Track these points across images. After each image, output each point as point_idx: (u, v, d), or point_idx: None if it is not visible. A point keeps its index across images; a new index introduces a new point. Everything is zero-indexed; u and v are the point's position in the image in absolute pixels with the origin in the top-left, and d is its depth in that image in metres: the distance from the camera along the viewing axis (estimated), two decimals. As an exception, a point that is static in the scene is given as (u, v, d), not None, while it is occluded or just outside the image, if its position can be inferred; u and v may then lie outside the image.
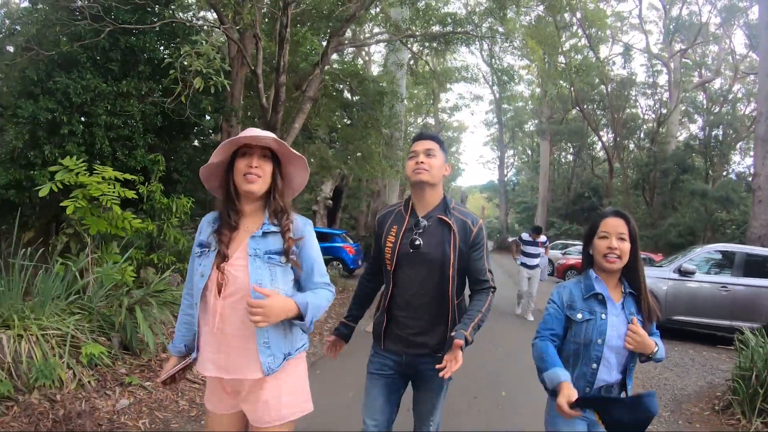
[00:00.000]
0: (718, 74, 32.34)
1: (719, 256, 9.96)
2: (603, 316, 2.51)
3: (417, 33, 13.86)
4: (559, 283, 2.79)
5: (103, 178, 6.12)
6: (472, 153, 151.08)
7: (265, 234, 2.29)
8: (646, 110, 34.48)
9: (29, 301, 4.77)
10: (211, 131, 12.84)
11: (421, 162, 2.67)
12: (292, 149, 2.36)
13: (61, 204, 5.94)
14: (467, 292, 2.82)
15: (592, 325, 2.51)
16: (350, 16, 10.20)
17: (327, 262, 6.01)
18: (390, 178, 20.63)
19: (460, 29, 14.02)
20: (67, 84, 8.75)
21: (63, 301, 5.07)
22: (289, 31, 9.47)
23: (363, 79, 14.74)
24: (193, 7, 11.93)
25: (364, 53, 27.28)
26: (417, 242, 2.67)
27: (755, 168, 14.94)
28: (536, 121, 40.91)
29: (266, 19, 10.68)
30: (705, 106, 31.83)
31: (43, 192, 5.90)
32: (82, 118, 9.12)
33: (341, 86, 15.34)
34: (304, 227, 2.41)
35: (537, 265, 11.07)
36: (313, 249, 2.42)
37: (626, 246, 2.50)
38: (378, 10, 13.88)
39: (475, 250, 2.74)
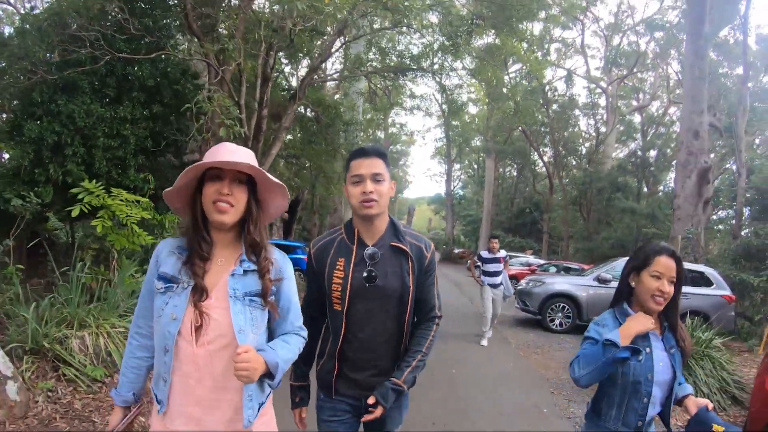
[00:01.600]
0: (654, 99, 34.99)
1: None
2: (648, 349, 2.47)
3: (377, 67, 15.26)
4: (594, 321, 2.64)
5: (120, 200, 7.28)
6: (419, 165, 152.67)
7: (245, 272, 2.06)
8: (585, 131, 36.86)
9: (92, 306, 5.94)
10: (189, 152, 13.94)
11: (370, 192, 2.39)
12: (270, 176, 2.09)
13: (92, 223, 7.07)
14: None
15: (640, 361, 2.44)
16: (324, 59, 11.58)
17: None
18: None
19: (414, 66, 15.55)
20: (72, 109, 9.80)
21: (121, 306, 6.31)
22: (272, 72, 10.80)
23: (327, 105, 16.16)
24: (181, 39, 13.01)
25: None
26: (373, 275, 2.43)
27: (676, 189, 16.70)
28: (482, 138, 42.70)
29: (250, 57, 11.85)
30: (643, 128, 34.18)
31: (75, 212, 6.98)
32: (82, 140, 10.14)
33: (306, 110, 16.71)
34: (283, 264, 2.20)
35: (501, 284, 10.31)
36: (291, 289, 2.22)
37: (672, 289, 2.47)
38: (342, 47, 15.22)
39: (428, 276, 2.57)
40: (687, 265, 11.71)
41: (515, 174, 44.96)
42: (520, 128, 32.74)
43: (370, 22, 14.80)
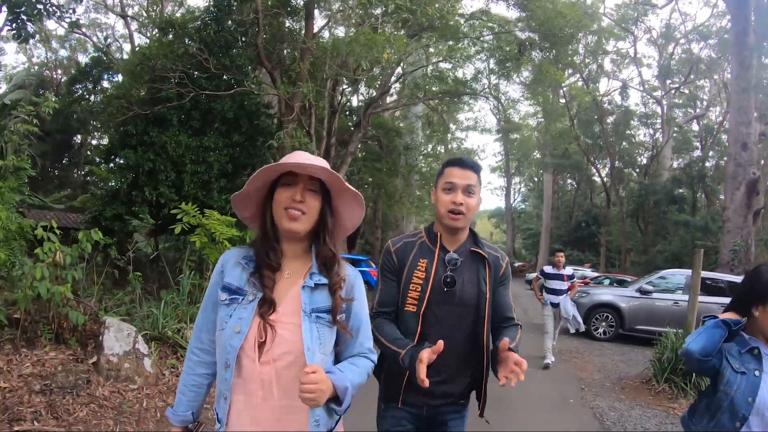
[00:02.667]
0: (710, 106, 34.50)
1: (675, 279, 12.56)
2: (757, 373, 2.28)
3: (433, 91, 16.44)
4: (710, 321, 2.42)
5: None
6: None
7: (316, 286, 1.93)
8: (642, 142, 36.68)
9: (195, 306, 7.26)
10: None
11: (460, 204, 2.39)
12: (346, 183, 1.98)
13: (190, 239, 8.45)
14: None
15: (745, 380, 2.28)
16: (384, 91, 12.87)
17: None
18: (407, 213, 23.48)
19: (467, 90, 16.70)
20: (164, 139, 11.36)
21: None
22: (339, 105, 12.18)
23: (388, 129, 17.50)
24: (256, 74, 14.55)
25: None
26: (450, 279, 2.41)
27: (726, 202, 17.06)
28: (539, 153, 43.10)
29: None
30: (701, 138, 33.89)
31: (177, 230, 8.38)
32: (173, 166, 11.68)
33: (371, 133, 18.08)
34: (355, 281, 2.06)
35: (558, 304, 9.39)
36: (363, 309, 2.08)
37: None
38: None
39: (504, 285, 2.57)
40: (728, 278, 12.35)
41: (574, 187, 45.11)
42: (576, 142, 33.04)
43: (426, 52, 16.05)
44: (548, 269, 9.62)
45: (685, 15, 37.23)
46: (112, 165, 12.34)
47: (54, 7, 10.32)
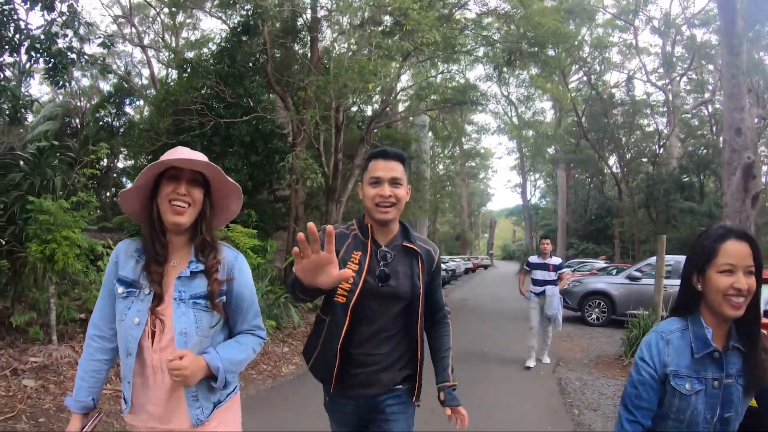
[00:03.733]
0: (716, 93, 34.38)
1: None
2: (716, 384, 1.88)
3: (435, 100, 17.70)
4: (654, 329, 2.05)
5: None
6: (500, 178, 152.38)
7: (192, 274, 2.06)
8: (648, 132, 36.99)
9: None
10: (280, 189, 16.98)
11: (388, 196, 2.38)
12: (227, 176, 2.12)
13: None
14: None
15: (702, 397, 1.88)
16: (384, 107, 14.19)
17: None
18: (418, 217, 24.90)
19: (465, 98, 17.98)
20: (193, 166, 12.79)
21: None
22: (344, 125, 13.59)
23: (395, 140, 18.84)
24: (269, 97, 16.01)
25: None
26: (384, 274, 2.41)
27: (724, 187, 17.25)
28: (553, 149, 43.71)
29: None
30: (710, 124, 33.99)
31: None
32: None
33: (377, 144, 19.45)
34: (234, 263, 2.18)
35: (551, 286, 8.59)
36: (246, 287, 2.20)
37: (753, 282, 1.84)
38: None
39: (436, 279, 2.62)
40: None
41: (588, 182, 45.56)
42: (585, 137, 33.74)
43: (424, 66, 17.34)
44: (533, 259, 8.95)
45: (685, 2, 37.13)
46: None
47: (87, 56, 11.73)
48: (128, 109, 22.45)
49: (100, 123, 21.63)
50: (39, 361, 5.69)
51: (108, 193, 23.89)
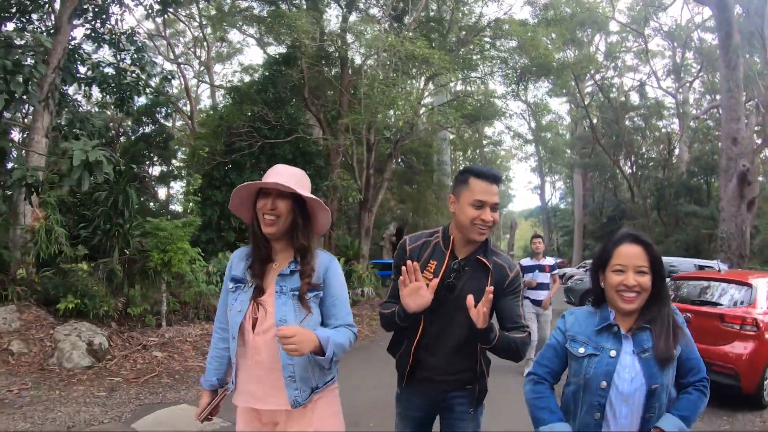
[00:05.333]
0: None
1: None
2: (613, 353, 2.09)
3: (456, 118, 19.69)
4: (573, 311, 2.35)
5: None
6: (521, 179, 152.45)
7: (292, 272, 2.35)
8: (658, 136, 38.04)
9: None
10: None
11: (488, 221, 2.44)
12: (302, 191, 2.34)
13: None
14: None
15: (595, 362, 2.10)
16: (410, 127, 16.18)
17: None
18: (441, 224, 27.17)
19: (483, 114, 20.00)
20: (242, 181, 14.86)
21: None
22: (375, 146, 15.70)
23: (419, 153, 20.93)
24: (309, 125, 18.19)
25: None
26: (453, 285, 2.49)
27: (721, 193, 18.27)
28: (569, 153, 45.01)
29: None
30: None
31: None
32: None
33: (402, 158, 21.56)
34: (329, 266, 2.43)
35: (545, 292, 7.81)
36: (337, 288, 2.43)
37: (646, 280, 2.10)
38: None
39: (511, 295, 2.55)
40: (700, 262, 14.53)
41: (603, 185, 46.65)
42: (597, 143, 35.11)
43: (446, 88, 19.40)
44: (526, 261, 7.96)
45: (693, 9, 36.50)
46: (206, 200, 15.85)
47: (150, 88, 13.75)
48: (163, 120, 24.40)
49: (139, 134, 23.81)
50: (158, 339, 7.75)
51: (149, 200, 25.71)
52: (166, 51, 31.41)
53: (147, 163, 26.17)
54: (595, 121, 35.76)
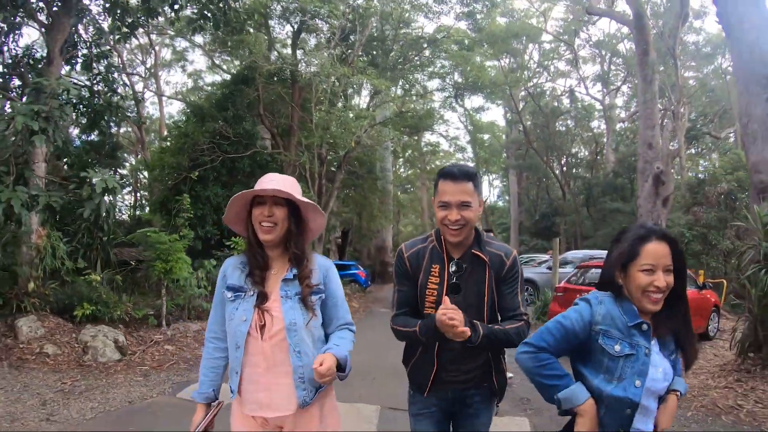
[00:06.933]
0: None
1: (572, 257, 17.88)
2: (647, 351, 2.07)
3: (399, 129, 21.48)
4: (591, 293, 2.26)
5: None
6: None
7: (295, 277, 2.44)
8: (585, 139, 40.80)
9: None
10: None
11: (456, 220, 2.45)
12: (300, 197, 2.44)
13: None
14: None
15: (632, 362, 2.06)
16: (357, 142, 17.90)
17: (346, 283, 12.86)
18: (384, 226, 29.08)
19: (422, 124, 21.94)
20: (207, 194, 16.17)
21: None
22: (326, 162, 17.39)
23: (363, 161, 22.75)
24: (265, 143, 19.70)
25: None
26: (457, 285, 2.54)
27: (638, 192, 19.98)
28: (505, 155, 47.27)
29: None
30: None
31: (236, 253, 13.21)
32: (214, 211, 16.38)
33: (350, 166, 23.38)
34: (328, 270, 2.56)
35: None
36: (336, 290, 2.57)
37: (672, 279, 2.06)
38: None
39: (510, 282, 2.59)
40: (597, 253, 16.59)
41: (536, 184, 49.06)
42: (530, 146, 37.42)
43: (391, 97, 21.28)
44: None
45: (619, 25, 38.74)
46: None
47: (121, 109, 14.72)
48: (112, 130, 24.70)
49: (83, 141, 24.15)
50: (163, 337, 9.18)
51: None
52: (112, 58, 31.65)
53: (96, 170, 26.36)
54: (528, 124, 37.87)
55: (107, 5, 10.93)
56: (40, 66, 11.34)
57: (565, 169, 38.59)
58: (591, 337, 2.11)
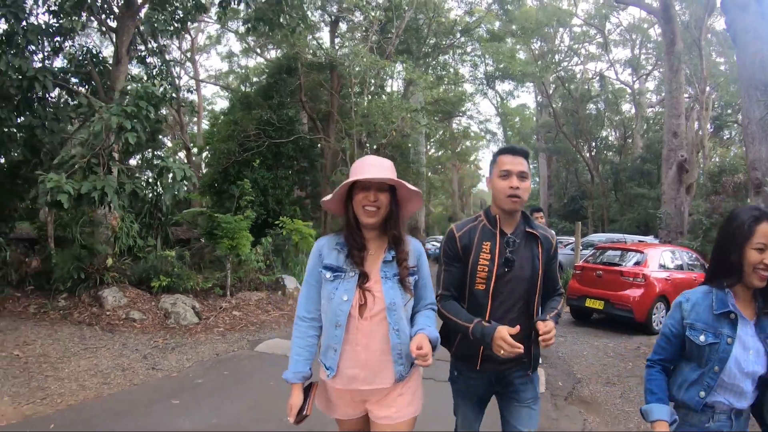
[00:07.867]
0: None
1: (593, 239, 19.04)
2: (729, 340, 2.25)
3: (433, 115, 22.47)
4: (682, 293, 2.48)
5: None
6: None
7: (393, 258, 2.52)
8: (615, 123, 41.16)
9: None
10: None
11: (517, 188, 2.63)
12: (408, 185, 2.51)
13: (293, 237, 14.33)
14: None
15: (714, 350, 2.27)
16: (394, 129, 19.01)
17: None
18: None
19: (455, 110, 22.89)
20: (255, 177, 17.40)
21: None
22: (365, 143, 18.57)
23: (398, 146, 23.91)
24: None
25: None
26: (511, 260, 2.66)
27: (663, 178, 20.69)
28: (535, 138, 47.78)
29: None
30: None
31: (284, 233, 14.34)
32: (261, 192, 17.62)
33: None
34: (419, 253, 2.64)
35: None
36: (426, 271, 2.65)
37: None
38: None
39: (554, 260, 2.83)
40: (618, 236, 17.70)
41: (566, 168, 49.37)
42: (560, 131, 38.05)
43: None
44: None
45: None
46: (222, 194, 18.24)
47: (174, 99, 15.99)
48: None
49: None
50: (229, 305, 10.48)
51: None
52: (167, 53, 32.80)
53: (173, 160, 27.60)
54: (558, 107, 38.41)
55: (156, 2, 11.67)
56: (103, 66, 12.31)
57: (594, 153, 38.98)
58: (685, 332, 2.37)
